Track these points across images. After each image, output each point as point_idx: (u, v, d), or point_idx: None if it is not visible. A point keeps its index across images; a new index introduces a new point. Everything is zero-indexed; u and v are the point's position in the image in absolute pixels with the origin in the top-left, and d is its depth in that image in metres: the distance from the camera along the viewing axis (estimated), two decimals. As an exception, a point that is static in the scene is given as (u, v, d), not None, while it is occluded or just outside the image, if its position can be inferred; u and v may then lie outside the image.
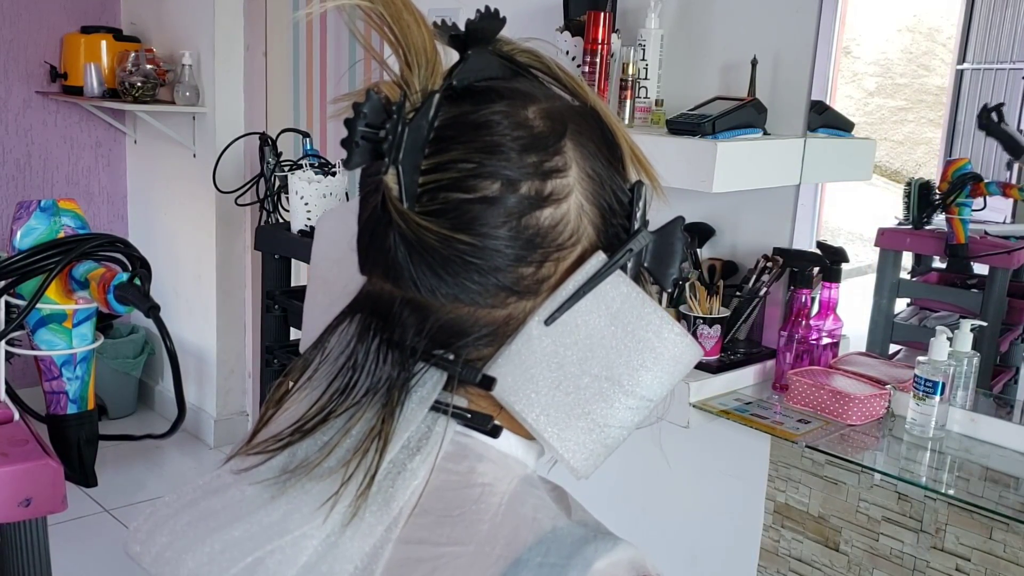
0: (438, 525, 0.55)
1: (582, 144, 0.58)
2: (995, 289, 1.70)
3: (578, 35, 1.87)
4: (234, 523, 0.55)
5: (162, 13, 3.55)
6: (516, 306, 0.57)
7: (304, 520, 0.54)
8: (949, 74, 1.83)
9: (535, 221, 0.56)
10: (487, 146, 0.55)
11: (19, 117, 3.60)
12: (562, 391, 0.58)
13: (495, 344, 0.58)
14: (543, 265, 0.56)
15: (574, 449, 0.59)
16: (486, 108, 0.57)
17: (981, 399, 1.61)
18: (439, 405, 0.57)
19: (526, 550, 0.53)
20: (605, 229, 0.59)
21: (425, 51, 0.56)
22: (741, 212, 1.90)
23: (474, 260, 0.55)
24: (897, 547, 1.65)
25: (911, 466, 1.52)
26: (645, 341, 0.59)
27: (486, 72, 0.59)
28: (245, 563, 0.54)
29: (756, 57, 1.76)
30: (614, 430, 0.59)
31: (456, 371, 0.57)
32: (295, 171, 2.48)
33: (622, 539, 0.55)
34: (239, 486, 0.56)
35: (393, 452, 0.56)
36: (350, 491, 0.54)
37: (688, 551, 2.03)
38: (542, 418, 0.58)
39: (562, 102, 0.60)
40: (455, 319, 0.57)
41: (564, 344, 0.57)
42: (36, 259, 1.68)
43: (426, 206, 0.55)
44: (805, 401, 1.64)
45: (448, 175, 0.55)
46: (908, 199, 1.78)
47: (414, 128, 0.54)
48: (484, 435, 0.59)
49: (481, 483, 0.57)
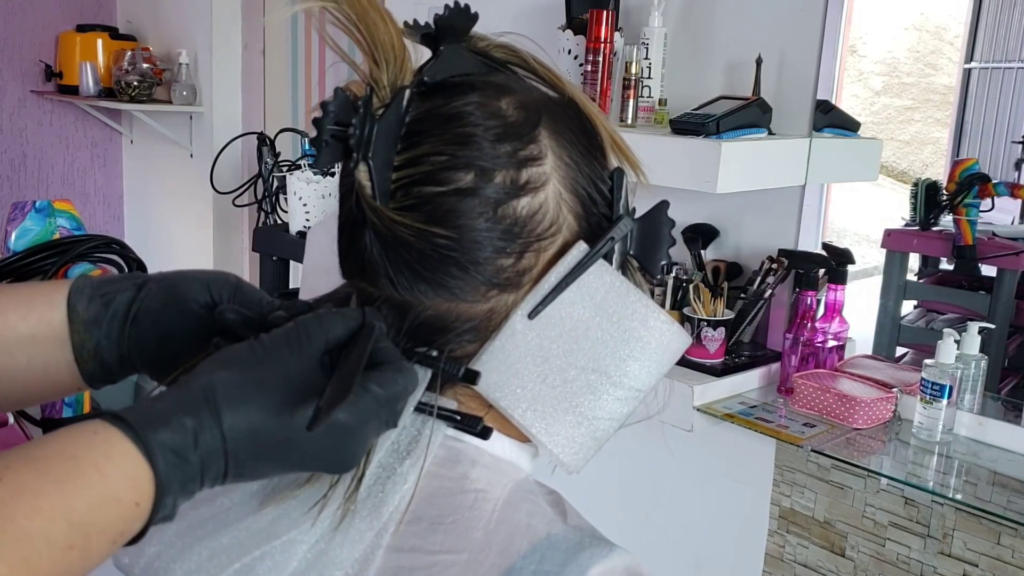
0: (431, 532, 0.55)
1: (558, 133, 0.58)
2: (1003, 291, 1.70)
3: (580, 33, 1.86)
4: (223, 530, 0.55)
5: (159, 11, 3.54)
6: (498, 300, 0.56)
7: (292, 524, 0.54)
8: (957, 73, 1.83)
9: (512, 211, 0.55)
10: (458, 137, 0.55)
11: (13, 117, 3.58)
12: (548, 385, 0.57)
13: (479, 340, 0.57)
14: (523, 256, 0.56)
15: (563, 444, 0.58)
16: (458, 100, 0.56)
17: (989, 403, 1.60)
18: (428, 407, 0.57)
19: (520, 558, 0.53)
20: (587, 218, 0.58)
21: (393, 48, 0.55)
22: (745, 213, 1.88)
23: (451, 253, 0.54)
24: (904, 552, 1.64)
25: (918, 470, 1.51)
26: (631, 331, 0.58)
27: (460, 68, 0.59)
28: (233, 568, 0.53)
29: (761, 56, 1.74)
30: (603, 422, 0.59)
31: (440, 367, 0.56)
32: (293, 171, 2.46)
33: (618, 545, 0.55)
34: (228, 494, 0.56)
35: (380, 454, 0.55)
36: (338, 494, 0.54)
37: (692, 557, 2.02)
38: (529, 413, 0.57)
39: (539, 93, 0.60)
40: (436, 315, 0.56)
41: (549, 337, 0.57)
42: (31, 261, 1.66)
43: (400, 202, 0.55)
44: (810, 404, 1.63)
45: (421, 169, 0.55)
46: (915, 200, 1.77)
47: (384, 124, 0.54)
48: (475, 438, 0.58)
49: (474, 489, 0.57)
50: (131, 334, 0.59)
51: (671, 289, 1.78)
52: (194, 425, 0.47)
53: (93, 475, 0.44)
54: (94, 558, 0.44)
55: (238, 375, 0.49)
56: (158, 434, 0.46)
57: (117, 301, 0.60)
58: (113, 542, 0.45)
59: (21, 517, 0.41)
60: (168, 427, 0.46)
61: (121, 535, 0.45)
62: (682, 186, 1.60)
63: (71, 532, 0.42)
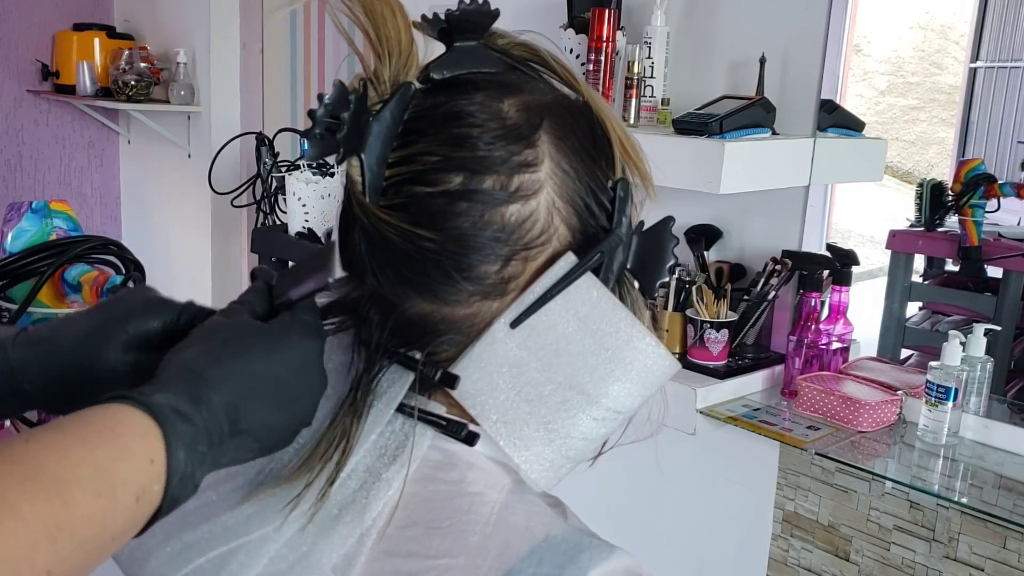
0: (427, 537, 0.54)
1: (561, 138, 0.56)
2: (1009, 292, 1.69)
3: (582, 32, 1.86)
4: (200, 524, 0.55)
5: (156, 10, 3.52)
6: (482, 305, 0.56)
7: (265, 522, 0.54)
8: (962, 72, 1.82)
9: (500, 217, 0.54)
10: (454, 138, 0.54)
11: (10, 116, 3.56)
12: (523, 397, 0.56)
13: (460, 345, 0.57)
14: (509, 263, 0.55)
15: (531, 460, 0.57)
16: (460, 99, 0.55)
17: (995, 405, 1.60)
18: (412, 410, 0.57)
19: (518, 560, 0.53)
20: (582, 229, 0.57)
21: (399, 42, 0.55)
22: (749, 214, 1.88)
23: (435, 256, 0.54)
24: (909, 557, 1.63)
25: (923, 474, 1.50)
26: (614, 350, 0.57)
27: (471, 65, 0.58)
28: (198, 563, 0.54)
29: (764, 55, 1.74)
30: (576, 441, 0.58)
31: (419, 370, 0.56)
32: (292, 172, 2.45)
33: (618, 547, 0.54)
34: (216, 488, 0.56)
35: (360, 455, 0.55)
36: (311, 495, 0.54)
37: (695, 560, 2.01)
38: (499, 425, 0.57)
39: (551, 95, 0.58)
40: (420, 316, 0.56)
41: (529, 348, 0.56)
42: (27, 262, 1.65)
43: (390, 200, 0.54)
44: (814, 407, 1.62)
45: (413, 168, 0.54)
46: (920, 200, 1.77)
47: (380, 119, 0.53)
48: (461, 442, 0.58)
49: (471, 492, 0.56)
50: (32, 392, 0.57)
51: (674, 291, 1.77)
52: (187, 387, 0.49)
53: (108, 433, 0.46)
54: (121, 515, 0.45)
55: (205, 344, 0.53)
56: (156, 397, 0.48)
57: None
58: (136, 499, 0.45)
59: (51, 463, 0.43)
60: (165, 392, 0.49)
61: (143, 492, 0.46)
62: (685, 187, 1.59)
63: (97, 479, 0.44)
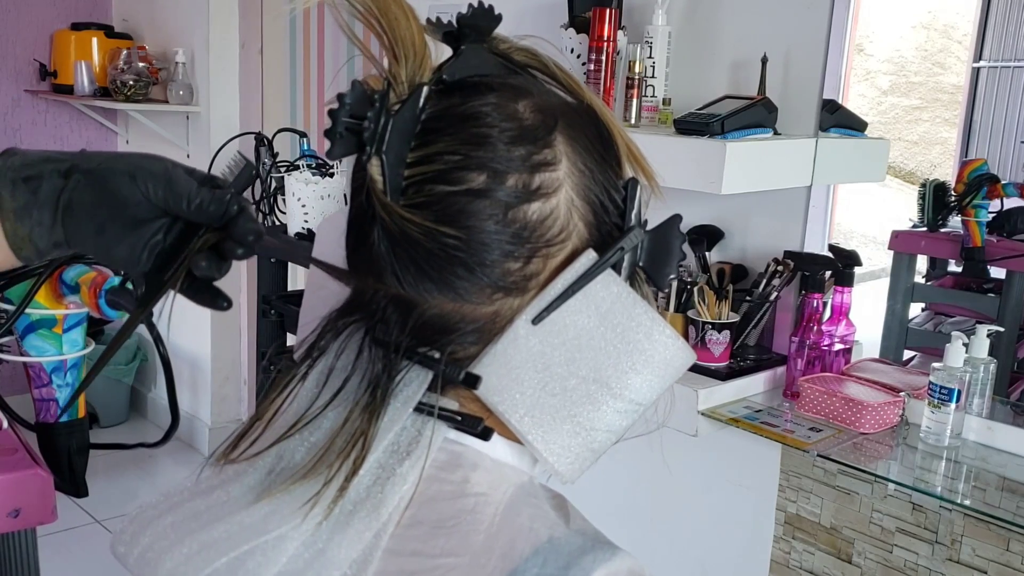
0: (432, 536, 0.55)
1: (574, 139, 0.58)
2: (1012, 293, 1.68)
3: (583, 32, 1.85)
4: (215, 524, 0.55)
5: (155, 10, 3.52)
6: (503, 303, 0.56)
7: (283, 520, 0.54)
8: (965, 72, 1.81)
9: (522, 215, 0.55)
10: (474, 137, 0.55)
11: (8, 116, 3.56)
12: (548, 392, 0.57)
13: (482, 342, 0.57)
14: (531, 261, 0.56)
15: (559, 452, 0.58)
16: (476, 100, 0.56)
17: (998, 407, 1.59)
18: (428, 407, 0.57)
19: (522, 561, 0.53)
20: (598, 227, 0.58)
21: (413, 44, 0.55)
22: (751, 214, 1.87)
23: (459, 254, 0.54)
24: (911, 559, 1.63)
25: (926, 476, 1.50)
26: (635, 343, 0.58)
27: (480, 68, 0.59)
28: (221, 562, 0.53)
29: (766, 55, 1.73)
30: (601, 434, 0.59)
31: (440, 369, 0.56)
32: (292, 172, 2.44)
33: (621, 548, 0.55)
34: (225, 488, 0.57)
35: (377, 453, 0.55)
36: (331, 492, 0.54)
37: (697, 563, 2.01)
38: (526, 420, 0.57)
39: (557, 98, 0.60)
40: (440, 315, 0.56)
41: (551, 344, 0.57)
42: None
43: (411, 199, 0.55)
44: (817, 409, 1.62)
45: (434, 167, 0.55)
46: (923, 201, 1.76)
47: (399, 120, 0.54)
48: (476, 439, 0.58)
49: (475, 493, 0.57)
50: (67, 225, 0.62)
51: (675, 292, 1.77)
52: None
53: None
54: None
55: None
56: None
57: (44, 190, 0.61)
58: None
59: None
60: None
61: None
62: (687, 187, 1.59)
63: None
